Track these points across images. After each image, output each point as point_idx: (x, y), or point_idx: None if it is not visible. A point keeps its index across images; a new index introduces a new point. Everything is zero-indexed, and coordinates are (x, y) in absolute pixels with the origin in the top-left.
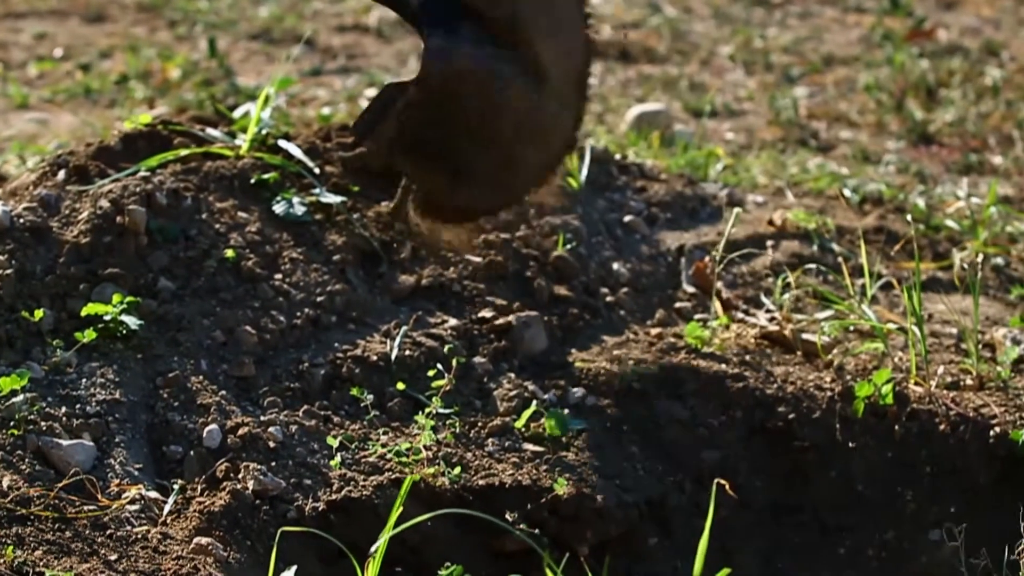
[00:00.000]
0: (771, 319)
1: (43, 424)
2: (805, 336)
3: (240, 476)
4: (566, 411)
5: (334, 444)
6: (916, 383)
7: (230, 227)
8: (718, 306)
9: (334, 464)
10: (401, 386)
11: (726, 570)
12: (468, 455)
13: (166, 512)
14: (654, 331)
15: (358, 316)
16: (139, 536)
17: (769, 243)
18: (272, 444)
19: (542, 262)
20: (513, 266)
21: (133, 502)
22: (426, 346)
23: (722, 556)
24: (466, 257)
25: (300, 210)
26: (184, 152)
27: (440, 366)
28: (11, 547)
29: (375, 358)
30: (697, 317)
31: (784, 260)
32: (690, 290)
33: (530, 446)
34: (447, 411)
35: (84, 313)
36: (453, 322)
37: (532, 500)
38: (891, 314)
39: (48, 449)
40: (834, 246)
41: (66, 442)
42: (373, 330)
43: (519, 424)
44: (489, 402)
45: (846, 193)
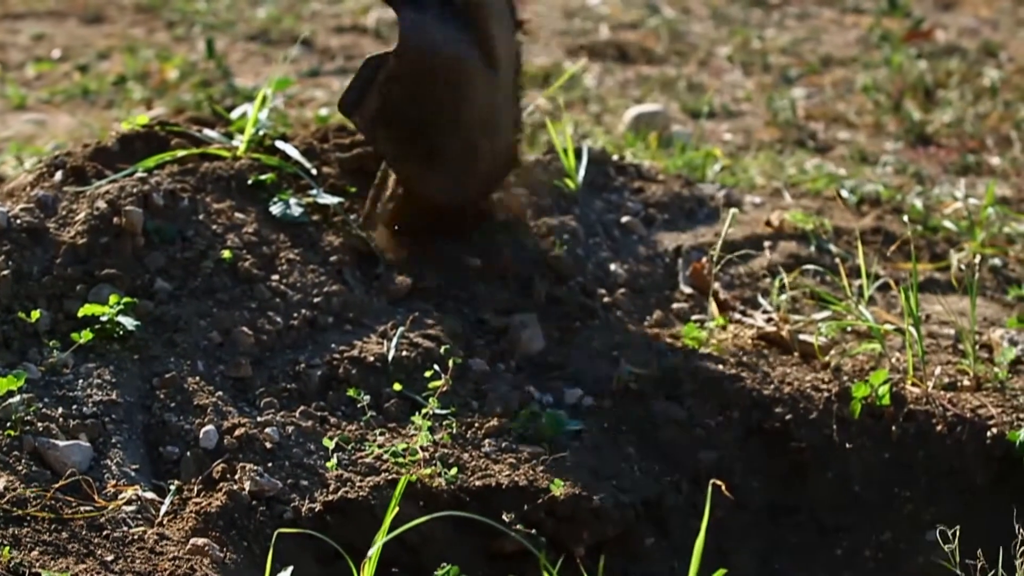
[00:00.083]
0: (768, 320)
1: (39, 425)
2: (802, 337)
3: (236, 477)
4: (563, 412)
5: (330, 445)
6: (913, 384)
7: (227, 228)
8: (715, 307)
9: (330, 465)
10: (398, 387)
11: (723, 570)
12: (465, 456)
13: (162, 513)
14: (651, 332)
15: (355, 317)
16: (135, 537)
17: (766, 244)
18: (268, 445)
19: (539, 263)
20: (511, 267)
21: (129, 503)
22: (423, 347)
23: (719, 556)
24: (465, 258)
25: (297, 211)
26: (181, 153)
27: (437, 367)
28: (7, 548)
29: (372, 359)
30: (694, 318)
31: (781, 261)
32: (687, 291)
33: (527, 447)
34: (444, 412)
35: (81, 314)
36: (450, 323)
37: (529, 501)
38: (888, 315)
39: (44, 450)
40: (831, 247)
41: (62, 443)
42: (370, 331)
43: (516, 425)
44: (486, 403)
45: (844, 194)
